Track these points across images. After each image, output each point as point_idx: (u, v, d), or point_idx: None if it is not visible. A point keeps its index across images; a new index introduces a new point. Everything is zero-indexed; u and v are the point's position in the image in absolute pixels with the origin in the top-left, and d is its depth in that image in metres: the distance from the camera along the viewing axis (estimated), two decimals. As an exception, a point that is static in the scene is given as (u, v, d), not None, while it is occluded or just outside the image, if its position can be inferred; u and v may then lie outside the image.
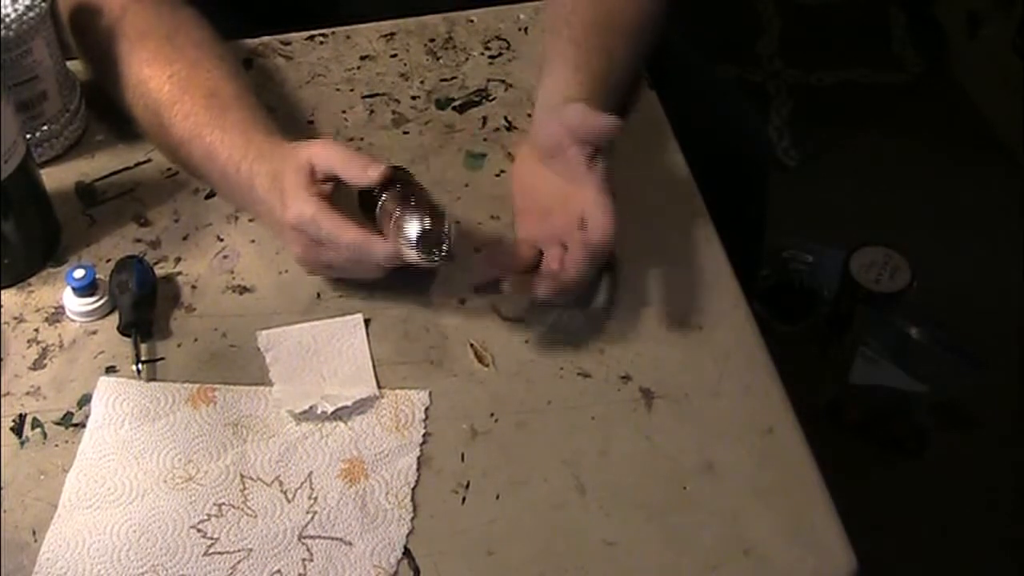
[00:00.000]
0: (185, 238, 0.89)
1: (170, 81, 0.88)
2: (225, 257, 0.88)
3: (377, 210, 0.80)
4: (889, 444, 1.66)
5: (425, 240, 0.77)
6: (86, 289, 0.82)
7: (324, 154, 0.80)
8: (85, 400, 0.79)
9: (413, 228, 0.77)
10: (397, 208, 0.78)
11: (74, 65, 0.97)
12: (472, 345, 0.82)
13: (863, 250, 1.71)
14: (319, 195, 0.79)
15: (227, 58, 0.92)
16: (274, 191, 0.80)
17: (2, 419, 0.78)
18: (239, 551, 0.71)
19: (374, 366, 0.80)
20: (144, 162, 0.94)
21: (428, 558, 0.71)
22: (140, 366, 0.79)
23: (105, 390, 0.79)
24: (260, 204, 0.83)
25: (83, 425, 0.77)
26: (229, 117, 0.86)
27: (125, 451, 0.76)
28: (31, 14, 0.86)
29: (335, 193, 0.81)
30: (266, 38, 1.05)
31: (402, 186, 0.80)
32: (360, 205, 0.82)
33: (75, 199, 0.92)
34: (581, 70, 0.88)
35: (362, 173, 0.79)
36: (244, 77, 0.92)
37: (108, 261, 0.86)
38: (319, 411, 0.77)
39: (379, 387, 0.79)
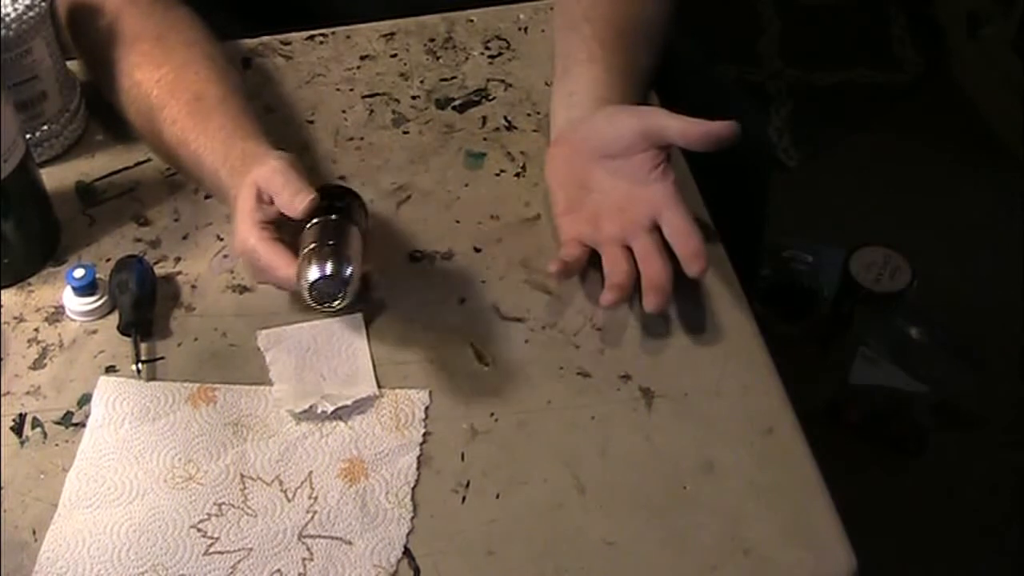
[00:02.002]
0: (185, 238, 0.89)
1: (158, 85, 0.87)
2: (225, 257, 0.88)
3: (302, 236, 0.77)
4: (889, 444, 1.66)
5: (319, 290, 0.74)
6: (86, 289, 0.82)
7: (265, 176, 0.78)
8: (85, 400, 0.79)
9: (311, 273, 0.74)
10: (310, 245, 0.75)
11: (74, 65, 0.97)
12: (472, 345, 0.82)
13: (863, 250, 1.71)
14: (263, 220, 0.77)
15: (217, 58, 0.91)
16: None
17: (2, 419, 0.78)
18: (239, 550, 0.71)
19: (374, 365, 0.80)
20: (144, 162, 0.94)
21: (428, 557, 0.71)
22: (140, 366, 0.79)
23: (105, 390, 0.79)
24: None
25: (83, 425, 0.77)
26: (212, 123, 0.85)
27: (125, 451, 0.76)
28: (31, 14, 0.86)
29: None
30: (266, 38, 1.04)
31: (337, 217, 0.77)
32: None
33: (75, 199, 0.92)
34: (611, 70, 0.88)
35: (290, 202, 0.76)
36: (234, 77, 0.91)
37: (108, 261, 0.86)
38: (319, 411, 0.77)
39: (379, 386, 0.79)
